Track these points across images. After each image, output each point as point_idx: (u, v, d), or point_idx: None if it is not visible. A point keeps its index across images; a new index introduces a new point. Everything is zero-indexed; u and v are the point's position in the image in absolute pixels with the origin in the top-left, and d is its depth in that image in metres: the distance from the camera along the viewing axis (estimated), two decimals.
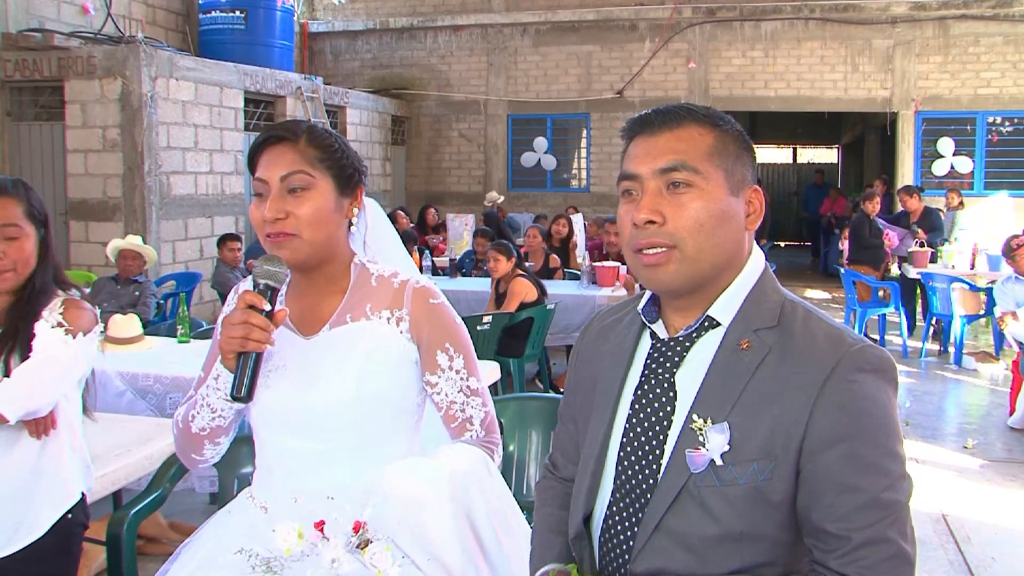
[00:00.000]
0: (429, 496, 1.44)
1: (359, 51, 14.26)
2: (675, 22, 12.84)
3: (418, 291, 1.65)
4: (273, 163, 1.57)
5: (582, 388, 1.44)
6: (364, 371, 1.57)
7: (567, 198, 13.27)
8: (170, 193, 8.72)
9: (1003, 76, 12.08)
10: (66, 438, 2.12)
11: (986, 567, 3.75)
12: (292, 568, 1.35)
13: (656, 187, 1.25)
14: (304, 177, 1.56)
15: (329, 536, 1.34)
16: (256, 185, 1.58)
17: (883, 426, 1.17)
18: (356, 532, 1.34)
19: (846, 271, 8.67)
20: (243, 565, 1.36)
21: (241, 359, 1.47)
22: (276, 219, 1.53)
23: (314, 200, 1.56)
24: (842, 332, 1.22)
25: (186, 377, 3.80)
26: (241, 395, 1.46)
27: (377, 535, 1.35)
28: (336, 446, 1.58)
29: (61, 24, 9.49)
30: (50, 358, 2.00)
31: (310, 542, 1.33)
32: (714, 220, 1.23)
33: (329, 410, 1.56)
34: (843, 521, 1.14)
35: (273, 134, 1.60)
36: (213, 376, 1.55)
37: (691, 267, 1.23)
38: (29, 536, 2.03)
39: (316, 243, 1.57)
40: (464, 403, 1.66)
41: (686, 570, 1.20)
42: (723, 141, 1.27)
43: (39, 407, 2.00)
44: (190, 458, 1.68)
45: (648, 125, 1.29)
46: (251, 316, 1.46)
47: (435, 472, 1.49)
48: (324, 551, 1.32)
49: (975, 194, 12.04)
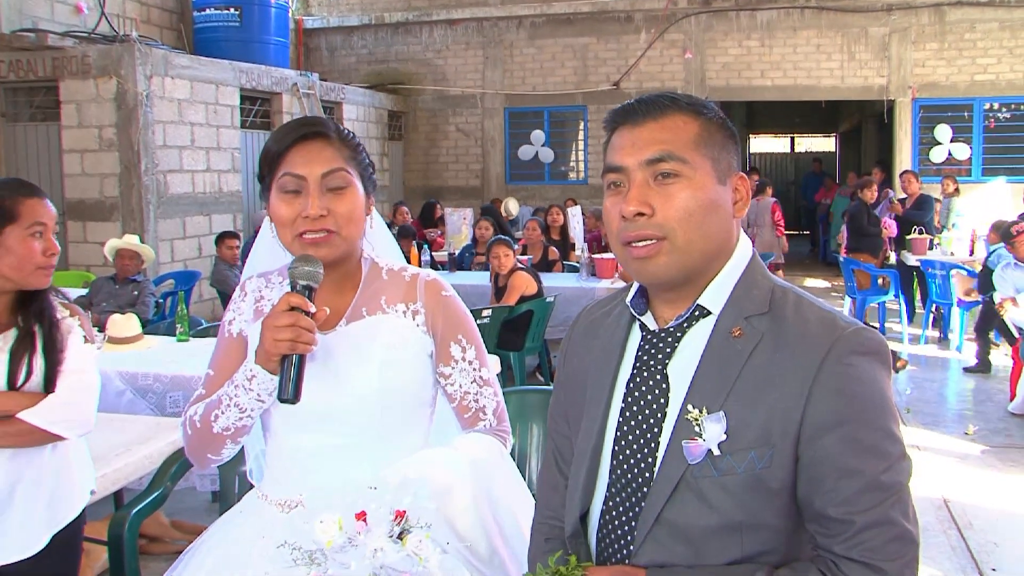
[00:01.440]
0: (454, 484, 1.46)
1: (355, 46, 14.23)
2: (670, 13, 12.81)
3: (430, 284, 1.67)
4: (312, 159, 1.55)
5: (573, 384, 1.42)
6: (386, 364, 1.58)
7: (565, 190, 13.26)
8: (167, 192, 8.71)
9: (999, 62, 12.06)
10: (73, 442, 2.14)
11: (988, 552, 3.76)
12: (335, 559, 1.35)
13: (643, 178, 1.23)
14: (345, 175, 1.56)
15: (371, 526, 1.33)
16: (287, 181, 1.55)
17: (880, 408, 1.16)
18: (398, 522, 1.34)
19: (845, 259, 8.67)
20: (286, 559, 1.36)
21: (286, 361, 1.46)
22: (320, 216, 1.52)
23: (352, 198, 1.57)
24: (834, 316, 1.21)
25: (186, 376, 3.80)
26: (289, 397, 1.46)
27: (419, 523, 1.35)
28: (356, 440, 1.58)
29: (55, 24, 9.46)
30: (92, 378, 2.11)
31: (350, 533, 1.32)
32: (703, 210, 1.22)
33: (353, 404, 1.57)
34: (845, 505, 1.13)
35: (307, 130, 1.57)
36: (245, 377, 1.52)
37: (681, 258, 1.22)
38: (49, 533, 2.06)
39: (351, 241, 1.59)
40: (477, 393, 1.68)
41: (686, 562, 1.20)
42: (708, 129, 1.25)
43: (92, 424, 2.10)
44: (205, 458, 1.64)
45: (632, 115, 1.27)
46: (299, 319, 1.45)
47: (457, 461, 1.51)
48: (367, 541, 1.31)
49: (973, 180, 12.04)
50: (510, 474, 1.62)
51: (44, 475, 2.06)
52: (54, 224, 2.08)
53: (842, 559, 1.14)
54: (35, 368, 2.02)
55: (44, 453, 2.05)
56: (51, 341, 2.05)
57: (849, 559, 1.13)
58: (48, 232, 2.05)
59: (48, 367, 2.03)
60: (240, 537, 1.63)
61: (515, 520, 1.56)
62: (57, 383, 2.03)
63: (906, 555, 1.14)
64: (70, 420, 2.02)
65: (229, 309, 1.72)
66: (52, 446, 2.06)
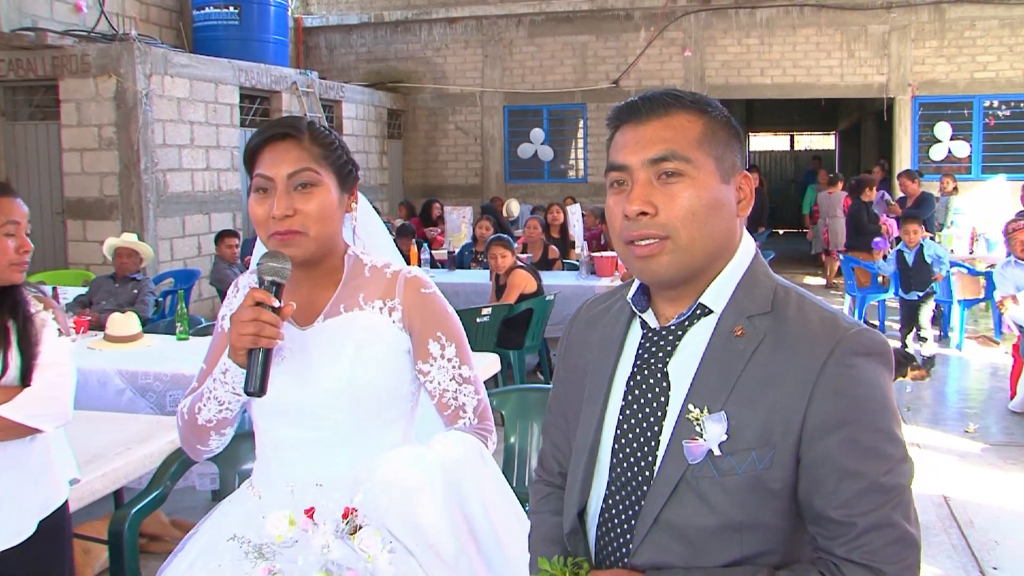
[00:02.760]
0: (422, 484, 1.45)
1: (354, 45, 14.23)
2: (670, 11, 12.80)
3: (410, 281, 1.68)
4: (279, 160, 1.57)
5: (571, 379, 1.42)
6: (357, 360, 1.60)
7: (565, 189, 13.26)
8: (167, 190, 8.70)
9: (999, 60, 12.06)
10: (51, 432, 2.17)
11: (989, 550, 3.76)
12: (284, 554, 1.37)
13: (646, 177, 1.22)
14: (311, 174, 1.57)
15: (319, 522, 1.36)
16: (259, 181, 1.58)
17: (882, 410, 1.16)
18: (345, 518, 1.36)
19: (845, 257, 8.67)
20: (236, 552, 1.38)
21: (252, 355, 1.48)
22: (285, 216, 1.54)
23: (320, 197, 1.58)
24: (836, 316, 1.20)
25: (186, 374, 3.80)
26: (254, 390, 1.48)
27: (367, 521, 1.36)
28: (331, 434, 1.60)
29: (54, 23, 9.46)
30: (68, 369, 2.12)
31: (301, 528, 1.35)
32: (706, 209, 1.21)
33: (325, 399, 1.59)
34: (846, 507, 1.13)
35: (277, 131, 1.60)
36: (220, 370, 1.56)
37: (684, 257, 1.22)
38: (24, 533, 2.07)
39: (321, 240, 1.59)
40: (456, 391, 1.68)
41: (685, 561, 1.19)
42: (712, 128, 1.24)
43: (70, 416, 2.11)
44: (196, 449, 1.70)
45: (635, 113, 1.26)
46: (262, 313, 1.47)
47: (429, 461, 1.50)
48: (314, 537, 1.34)
49: (973, 178, 12.05)
50: (487, 473, 1.61)
51: (27, 464, 2.09)
52: (26, 222, 2.13)
53: (843, 561, 1.13)
54: (10, 363, 2.05)
55: (25, 443, 2.08)
56: (25, 335, 2.08)
57: (850, 561, 1.13)
58: (20, 230, 2.10)
59: (23, 361, 2.06)
60: (224, 525, 1.66)
61: (489, 520, 1.55)
62: (33, 377, 2.06)
63: (907, 558, 1.14)
64: (47, 413, 2.05)
65: (224, 305, 1.77)
66: (31, 436, 2.09)
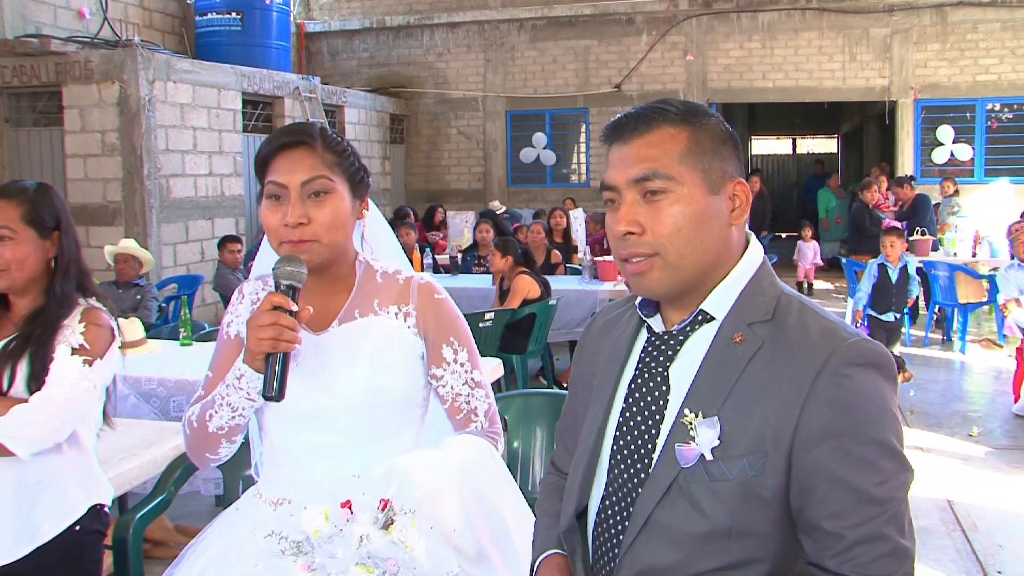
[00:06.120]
0: (442, 486, 1.47)
1: (356, 50, 14.25)
2: (672, 15, 12.81)
3: (423, 287, 1.70)
4: (293, 167, 1.57)
5: (583, 383, 1.45)
6: (375, 365, 1.61)
7: (567, 193, 13.25)
8: (170, 196, 8.72)
9: (1002, 62, 12.05)
10: (70, 452, 2.08)
11: (993, 554, 3.75)
12: (322, 548, 1.36)
13: (633, 197, 1.24)
14: (325, 182, 1.58)
15: (357, 514, 1.35)
16: (271, 188, 1.58)
17: (876, 421, 1.14)
18: (383, 509, 1.35)
19: (848, 260, 8.66)
20: (274, 548, 1.37)
21: (271, 359, 1.48)
22: (299, 224, 1.55)
23: (334, 204, 1.59)
24: (836, 326, 1.20)
25: (189, 380, 3.80)
26: (273, 394, 1.48)
27: (404, 511, 1.36)
28: (347, 439, 1.61)
29: (58, 29, 9.48)
30: (68, 397, 1.97)
31: (336, 523, 1.34)
32: (693, 224, 1.22)
33: (342, 404, 1.59)
34: (836, 518, 1.12)
35: (290, 138, 1.60)
36: (235, 376, 1.56)
37: (674, 273, 1.23)
38: (31, 544, 2.01)
39: (334, 247, 1.60)
40: (469, 395, 1.71)
41: (674, 565, 1.19)
42: (697, 139, 1.24)
43: (50, 443, 1.98)
44: (204, 458, 1.68)
45: (620, 132, 1.27)
46: (280, 317, 1.47)
47: (446, 462, 1.53)
48: (353, 529, 1.33)
49: (976, 181, 12.03)
50: (500, 476, 1.64)
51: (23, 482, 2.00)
52: (3, 230, 2.08)
53: (833, 574, 1.13)
54: (17, 374, 1.98)
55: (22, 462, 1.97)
56: (39, 349, 2.00)
57: (840, 574, 1.12)
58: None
59: (32, 375, 1.98)
60: (233, 534, 1.66)
61: (504, 521, 1.57)
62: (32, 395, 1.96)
63: (897, 571, 1.12)
64: (20, 437, 1.90)
65: (228, 311, 1.76)
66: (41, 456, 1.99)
